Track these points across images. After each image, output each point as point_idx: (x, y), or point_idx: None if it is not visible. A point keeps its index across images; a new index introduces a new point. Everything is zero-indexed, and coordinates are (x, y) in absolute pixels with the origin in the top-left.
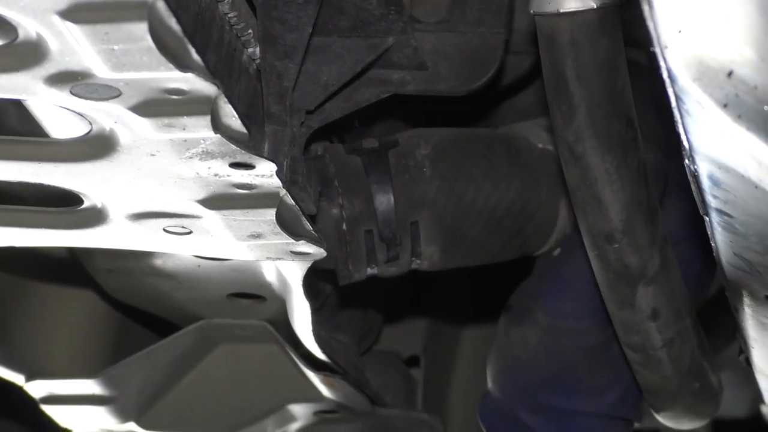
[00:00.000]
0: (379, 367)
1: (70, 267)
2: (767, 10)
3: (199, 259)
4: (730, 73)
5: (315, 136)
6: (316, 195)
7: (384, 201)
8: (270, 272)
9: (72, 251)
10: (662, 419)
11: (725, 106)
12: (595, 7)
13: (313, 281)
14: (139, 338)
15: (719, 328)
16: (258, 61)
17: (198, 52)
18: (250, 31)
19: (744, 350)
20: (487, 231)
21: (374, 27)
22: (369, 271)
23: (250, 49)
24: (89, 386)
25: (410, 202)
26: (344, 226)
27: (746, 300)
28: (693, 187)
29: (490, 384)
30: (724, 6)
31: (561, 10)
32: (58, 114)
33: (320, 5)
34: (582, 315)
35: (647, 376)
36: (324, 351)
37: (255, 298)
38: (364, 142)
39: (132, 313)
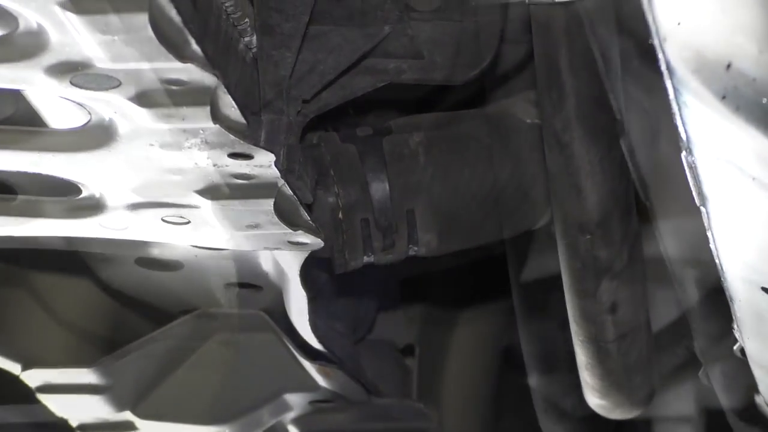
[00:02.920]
0: (374, 357)
1: (67, 256)
2: (766, 2)
3: (196, 249)
4: (728, 66)
5: (310, 125)
6: (312, 183)
7: (380, 189)
8: (267, 262)
9: (70, 240)
10: (595, 407)
11: (723, 98)
12: None
13: (309, 270)
14: (136, 328)
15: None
16: (255, 50)
17: (197, 42)
18: (246, 20)
19: (739, 341)
20: (483, 213)
21: (371, 16)
22: (365, 259)
23: (247, 38)
24: (85, 375)
25: (406, 190)
26: (340, 215)
27: (742, 291)
28: (690, 179)
29: None
30: None
31: (556, 0)
32: (57, 104)
33: None
34: None
35: (593, 367)
36: (320, 340)
37: (251, 287)
38: (359, 130)
39: (128, 302)
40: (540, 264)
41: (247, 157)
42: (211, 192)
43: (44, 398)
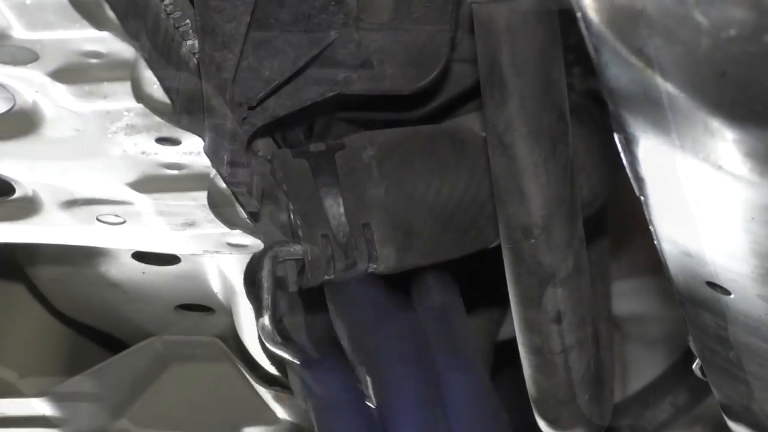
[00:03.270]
0: None
1: (15, 279)
2: None
3: (143, 266)
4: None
5: (261, 136)
6: (258, 192)
7: (333, 204)
8: (215, 280)
9: (15, 261)
10: (545, 427)
11: (640, 51)
12: None
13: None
14: (91, 356)
15: None
16: (198, 54)
17: (112, 10)
18: (187, 21)
19: (699, 359)
20: (440, 226)
21: (315, 20)
22: (326, 277)
23: (189, 42)
24: (38, 406)
25: (360, 204)
26: (300, 232)
27: (688, 289)
28: (626, 163)
29: None
30: None
31: None
32: None
33: None
34: None
35: (539, 381)
36: (273, 362)
37: (203, 310)
38: (311, 146)
39: (85, 330)
40: None
41: (175, 142)
42: (142, 185)
43: None
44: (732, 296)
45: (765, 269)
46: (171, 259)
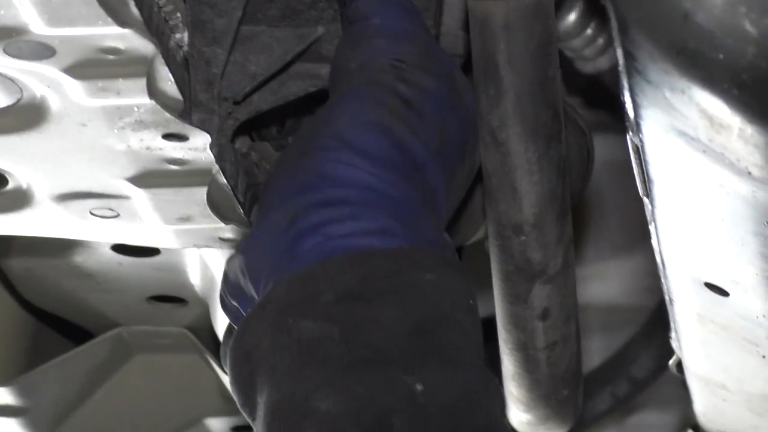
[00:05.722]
0: None
1: None
2: None
3: (120, 257)
4: (685, 17)
5: (239, 131)
6: (243, 186)
7: None
8: (194, 272)
9: None
10: (518, 424)
11: (678, 54)
12: None
13: None
14: (54, 346)
15: None
16: (185, 48)
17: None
18: (178, 14)
19: (676, 352)
20: None
21: (304, 15)
22: None
23: (178, 35)
24: (1, 395)
25: None
26: None
27: (684, 289)
28: (634, 165)
29: None
30: None
31: None
32: None
33: None
34: None
35: (520, 377)
36: None
37: (176, 301)
38: (289, 140)
39: (47, 318)
40: None
41: (182, 138)
42: (143, 179)
43: None
44: (729, 297)
45: None
46: (150, 251)
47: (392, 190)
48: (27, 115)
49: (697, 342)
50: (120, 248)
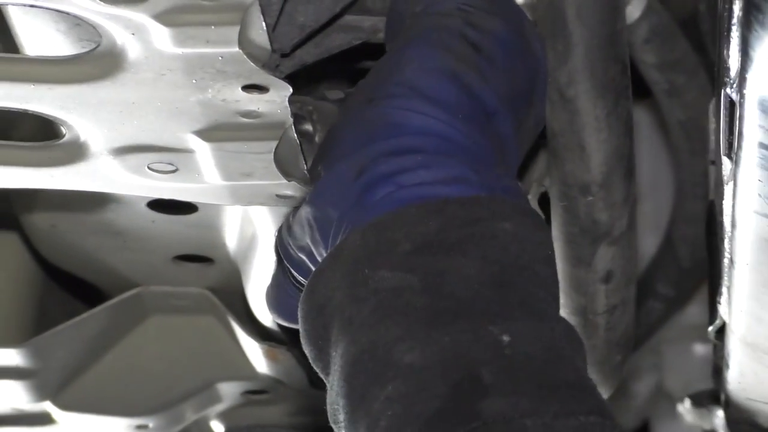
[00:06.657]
0: None
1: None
2: None
3: (155, 214)
4: None
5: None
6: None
7: None
8: (231, 231)
9: (7, 204)
10: None
11: None
12: None
13: None
14: (63, 306)
15: None
16: None
17: None
18: None
19: (723, 316)
20: None
21: None
22: None
23: None
24: (12, 356)
25: None
26: None
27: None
28: (723, 122)
29: None
30: None
31: None
32: (44, 33)
33: None
34: None
35: None
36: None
37: (202, 261)
38: (329, 94)
39: (57, 278)
40: None
41: (263, 89)
42: (211, 132)
43: None
44: None
45: None
46: (188, 208)
47: (464, 138)
48: (101, 64)
49: (758, 306)
50: (156, 204)
